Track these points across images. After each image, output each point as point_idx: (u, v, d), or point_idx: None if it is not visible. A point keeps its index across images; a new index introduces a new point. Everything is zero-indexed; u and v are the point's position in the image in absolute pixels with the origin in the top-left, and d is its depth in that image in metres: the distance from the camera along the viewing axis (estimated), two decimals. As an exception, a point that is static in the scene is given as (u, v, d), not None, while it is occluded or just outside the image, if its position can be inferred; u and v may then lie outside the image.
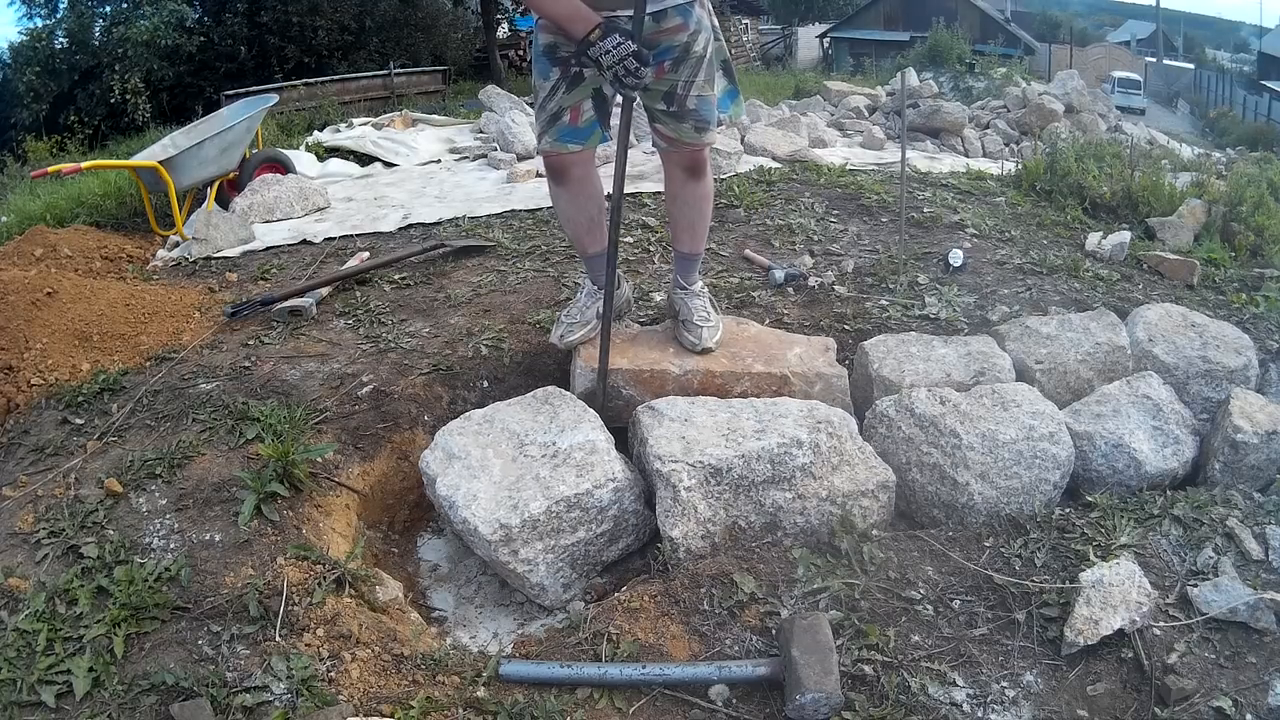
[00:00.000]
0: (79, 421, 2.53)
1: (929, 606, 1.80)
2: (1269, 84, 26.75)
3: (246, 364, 2.81)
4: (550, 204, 4.64)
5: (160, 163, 4.57)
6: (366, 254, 3.90)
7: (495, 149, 6.51)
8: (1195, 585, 1.79)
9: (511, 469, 2.11)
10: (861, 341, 2.72)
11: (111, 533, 2.02)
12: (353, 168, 6.63)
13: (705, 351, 2.53)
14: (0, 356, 2.77)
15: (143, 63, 15.77)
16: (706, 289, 2.69)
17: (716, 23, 2.35)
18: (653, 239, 3.80)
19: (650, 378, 2.46)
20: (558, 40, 2.24)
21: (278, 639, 1.75)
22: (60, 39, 17.12)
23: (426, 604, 2.15)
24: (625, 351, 2.55)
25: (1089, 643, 1.67)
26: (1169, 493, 2.15)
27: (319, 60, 17.55)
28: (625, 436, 2.36)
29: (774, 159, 5.83)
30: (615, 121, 2.31)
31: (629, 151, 6.56)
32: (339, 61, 17.65)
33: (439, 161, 6.69)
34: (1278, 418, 2.33)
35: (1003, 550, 1.94)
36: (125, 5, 16.80)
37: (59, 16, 17.33)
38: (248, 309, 3.24)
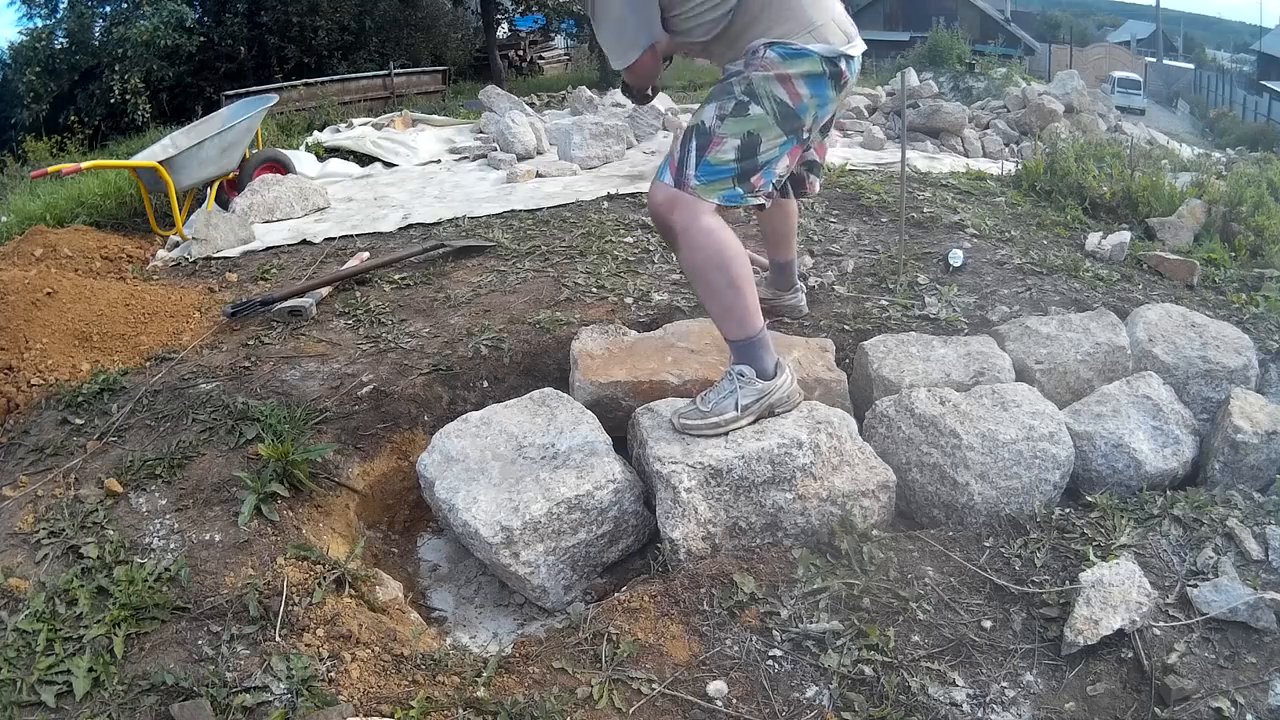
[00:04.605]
0: (79, 421, 2.53)
1: (929, 606, 1.80)
2: (1269, 84, 26.78)
3: (246, 364, 2.81)
4: (550, 204, 4.67)
5: (160, 163, 4.57)
6: (366, 254, 3.90)
7: (495, 149, 6.51)
8: (1195, 585, 1.79)
9: (511, 471, 2.11)
10: (861, 341, 2.71)
11: (111, 533, 2.03)
12: (353, 168, 6.64)
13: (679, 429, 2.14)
14: (0, 356, 2.77)
15: (143, 63, 15.77)
16: (749, 383, 2.12)
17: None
18: (653, 239, 3.79)
19: (650, 389, 2.44)
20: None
21: (278, 639, 1.75)
22: (60, 39, 17.12)
23: (426, 604, 2.15)
24: (623, 362, 2.54)
25: (1089, 643, 1.67)
26: (1169, 493, 2.15)
27: (319, 60, 17.56)
28: (624, 443, 2.36)
29: (774, 159, 5.81)
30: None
31: (629, 151, 6.52)
32: (339, 61, 17.65)
33: (439, 162, 6.70)
34: (1278, 418, 2.33)
35: (1003, 550, 1.94)
36: (125, 5, 16.78)
37: (59, 16, 17.32)
38: (248, 309, 3.24)
